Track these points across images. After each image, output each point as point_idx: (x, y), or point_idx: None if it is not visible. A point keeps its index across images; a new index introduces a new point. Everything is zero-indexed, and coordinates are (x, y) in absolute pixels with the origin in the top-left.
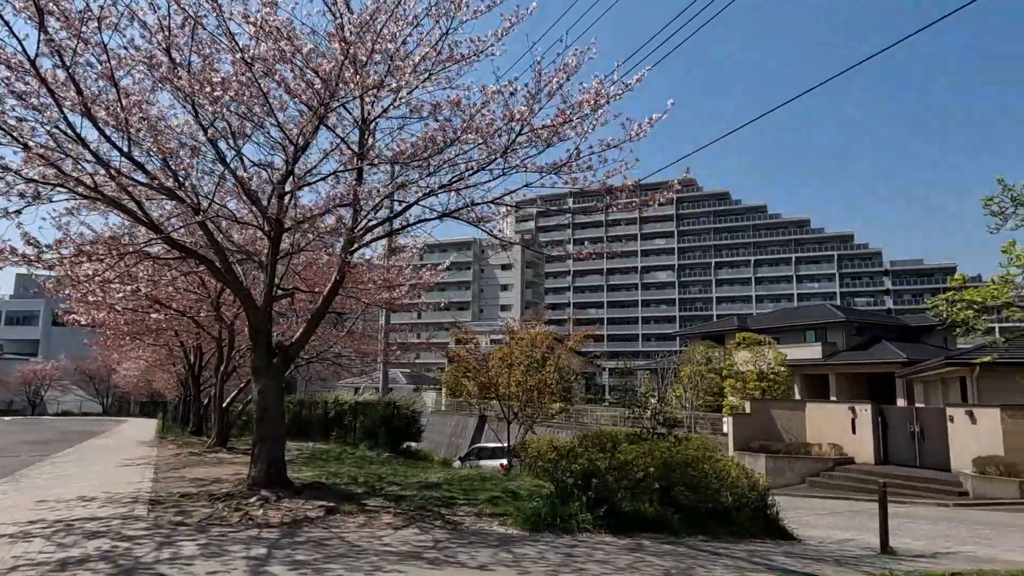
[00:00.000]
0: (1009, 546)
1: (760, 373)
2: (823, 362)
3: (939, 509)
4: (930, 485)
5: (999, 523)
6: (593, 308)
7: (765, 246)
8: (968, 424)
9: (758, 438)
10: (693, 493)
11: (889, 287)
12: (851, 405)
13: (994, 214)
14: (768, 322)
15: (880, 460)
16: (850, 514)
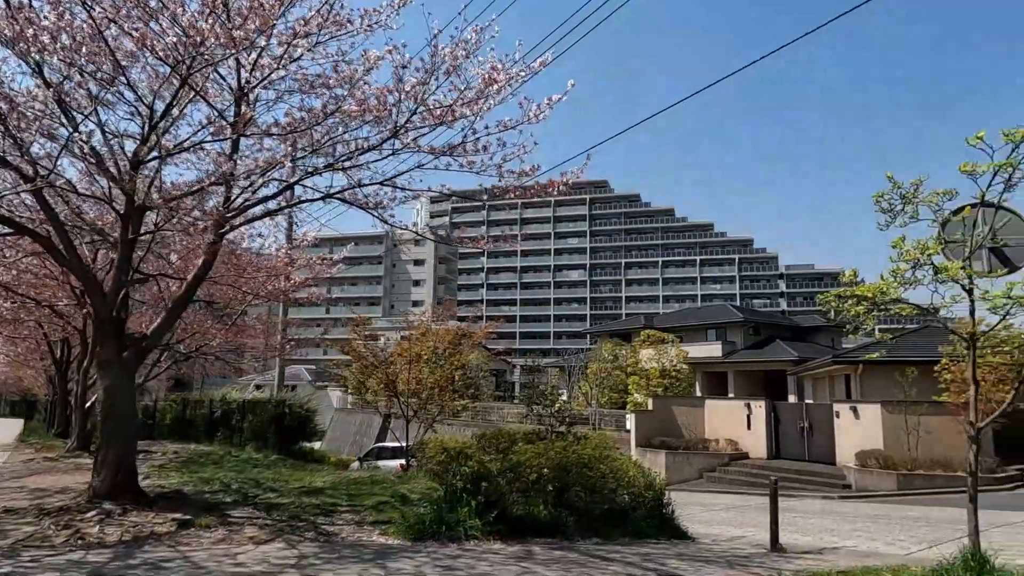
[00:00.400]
0: (888, 539)
1: (663, 370)
2: (723, 360)
3: (825, 502)
4: (817, 478)
5: (878, 515)
6: (506, 306)
7: (672, 248)
8: (852, 419)
9: (659, 434)
10: (590, 494)
11: (783, 290)
12: (747, 402)
13: (884, 211)
14: (673, 321)
15: (772, 454)
16: (743, 509)
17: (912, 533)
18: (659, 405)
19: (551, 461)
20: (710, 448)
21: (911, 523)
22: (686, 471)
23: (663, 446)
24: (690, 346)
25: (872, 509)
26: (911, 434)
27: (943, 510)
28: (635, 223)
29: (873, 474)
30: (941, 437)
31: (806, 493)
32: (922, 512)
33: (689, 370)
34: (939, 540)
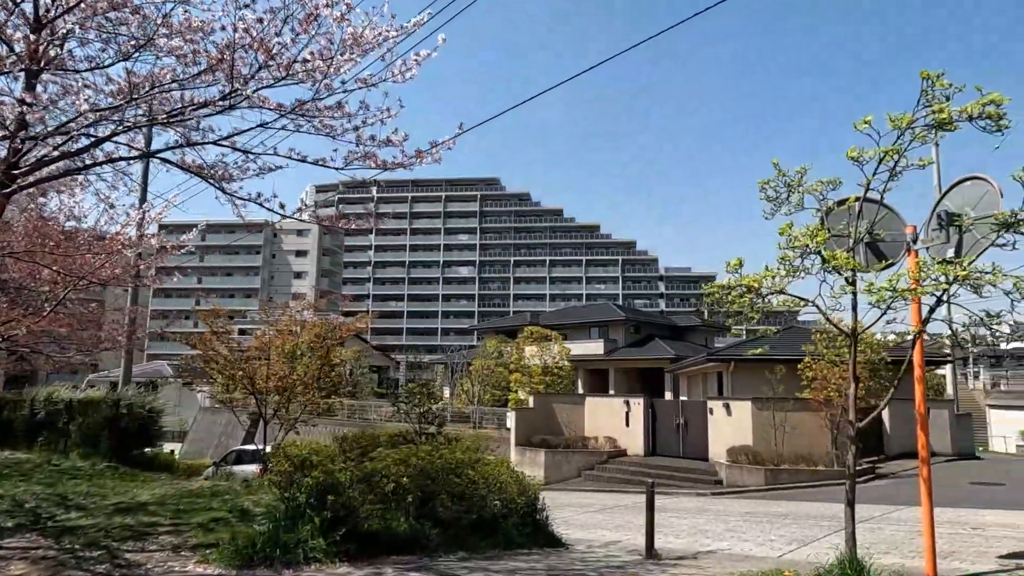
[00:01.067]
0: (760, 539)
1: (545, 368)
2: (605, 358)
3: (699, 499)
4: (691, 475)
5: (749, 513)
6: (394, 301)
7: (560, 248)
8: (725, 416)
9: (540, 433)
10: (458, 502)
11: (663, 291)
12: (626, 399)
13: (768, 199)
14: (558, 319)
15: (649, 451)
16: (619, 510)
17: (782, 532)
18: (540, 402)
19: (413, 468)
20: (590, 446)
21: (780, 520)
22: (565, 470)
23: (543, 444)
24: (574, 344)
25: (742, 506)
26: (778, 430)
27: (808, 505)
28: (525, 222)
29: (743, 470)
30: (805, 432)
31: (681, 490)
32: (788, 508)
33: (571, 367)
34: (808, 539)
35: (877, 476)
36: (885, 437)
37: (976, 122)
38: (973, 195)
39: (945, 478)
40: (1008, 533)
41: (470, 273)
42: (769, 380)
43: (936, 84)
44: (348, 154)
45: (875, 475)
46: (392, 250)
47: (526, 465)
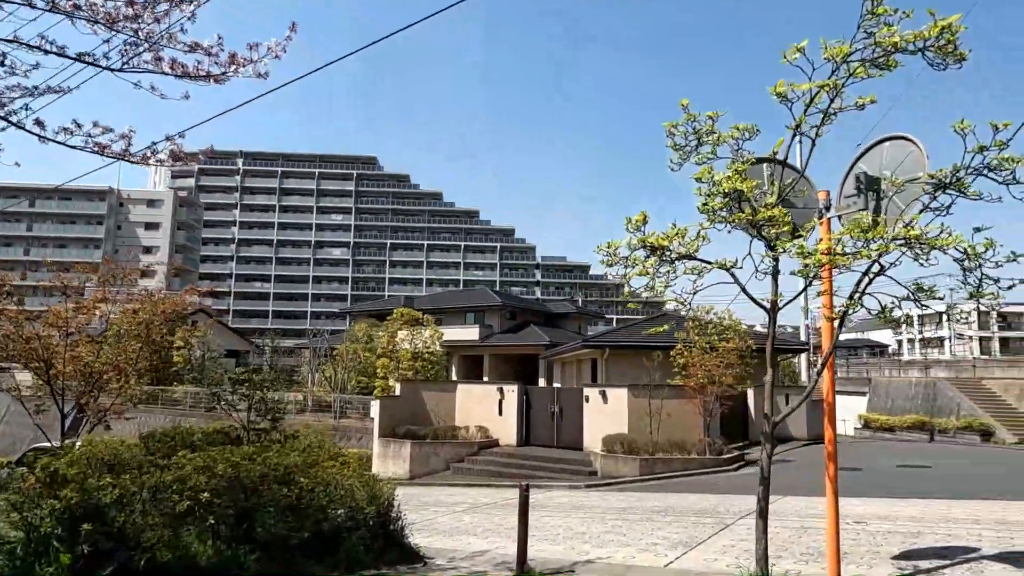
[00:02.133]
0: (642, 542)
1: (415, 352)
2: (480, 343)
3: (573, 493)
4: (566, 466)
5: (626, 508)
6: (260, 281)
7: (439, 232)
8: (601, 404)
9: (407, 422)
10: (287, 517)
11: (539, 279)
12: (500, 386)
13: (675, 148)
14: (433, 303)
15: (523, 441)
16: (489, 509)
17: (664, 532)
18: (408, 390)
19: (220, 478)
20: (460, 436)
21: (659, 517)
22: (433, 462)
23: (409, 436)
24: (449, 329)
25: (619, 500)
26: (654, 417)
27: (685, 498)
28: (403, 204)
29: (618, 460)
30: (679, 420)
31: (555, 483)
32: (667, 502)
33: (443, 352)
34: (693, 540)
35: (747, 463)
36: (749, 423)
37: (927, 54)
38: (894, 157)
39: (806, 464)
40: (890, 527)
41: (344, 255)
42: (643, 367)
43: (878, 11)
44: (126, 48)
45: (744, 462)
46: (259, 227)
47: (390, 458)
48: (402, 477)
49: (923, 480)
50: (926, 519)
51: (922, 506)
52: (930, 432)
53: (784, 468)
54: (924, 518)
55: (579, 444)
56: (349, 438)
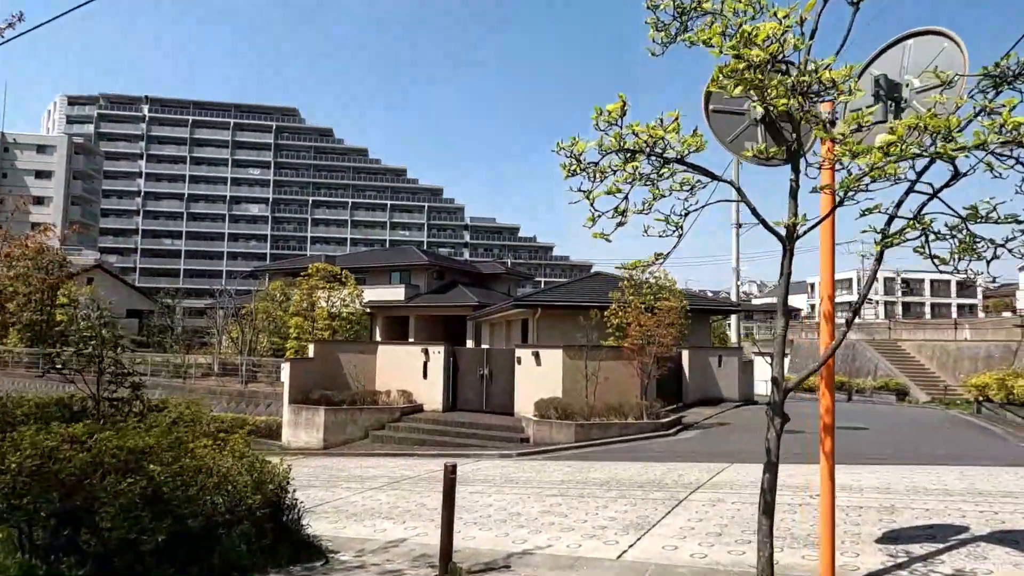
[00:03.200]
0: (589, 525)
1: (333, 312)
2: (405, 304)
3: (505, 463)
4: (496, 432)
5: (565, 482)
6: (170, 238)
7: (364, 190)
8: (534, 365)
9: (322, 387)
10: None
11: (468, 240)
12: (424, 347)
13: (657, 28)
14: (356, 262)
15: (449, 406)
16: (412, 485)
17: (611, 512)
18: (322, 351)
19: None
20: (380, 401)
21: (603, 493)
22: (350, 430)
23: (324, 401)
24: (373, 289)
25: (556, 471)
26: (590, 380)
27: (627, 467)
28: (326, 159)
29: (552, 425)
30: (616, 382)
31: (484, 451)
32: (608, 472)
33: (363, 311)
34: (645, 522)
35: (684, 427)
36: (684, 385)
37: None
38: (921, 57)
39: (744, 426)
40: (860, 501)
41: (262, 212)
42: (576, 328)
43: None
44: None
45: (682, 425)
46: (169, 180)
47: (302, 427)
48: (315, 447)
49: (866, 443)
50: (893, 489)
51: (882, 473)
52: (848, 392)
53: (723, 432)
54: (891, 488)
55: (510, 409)
56: (257, 404)
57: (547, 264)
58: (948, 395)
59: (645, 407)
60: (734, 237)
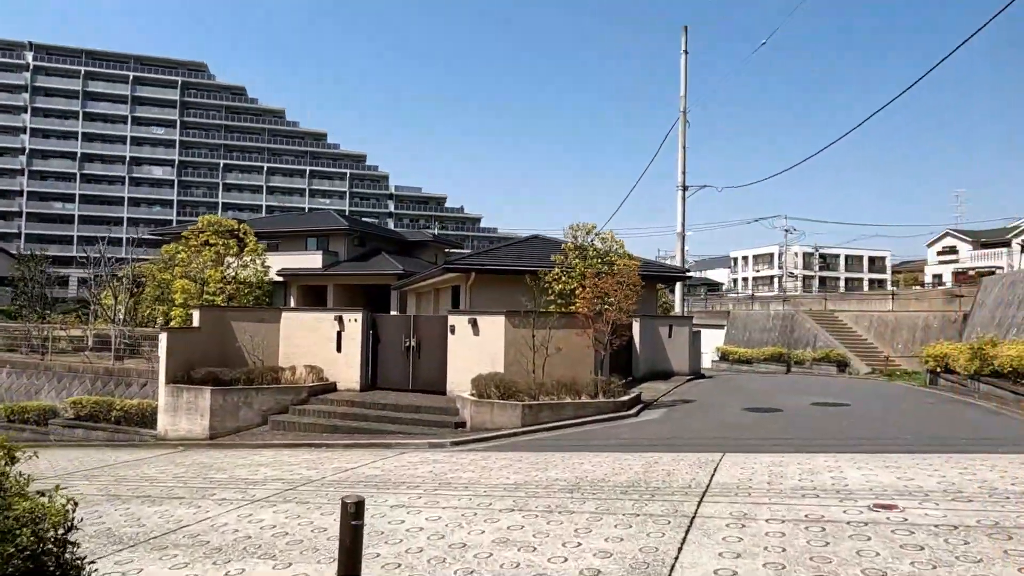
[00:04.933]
0: (572, 569)
1: (228, 275)
2: (323, 272)
3: (436, 455)
4: (425, 416)
5: (522, 485)
6: (60, 202)
7: (280, 154)
8: (471, 335)
9: (210, 363)
10: None
11: (392, 210)
12: (338, 314)
13: None
14: (269, 226)
15: (368, 384)
16: (309, 494)
17: (598, 538)
18: (211, 320)
19: None
20: (284, 379)
21: (576, 504)
22: (244, 415)
23: (211, 380)
24: (288, 256)
25: (504, 467)
26: (538, 352)
27: (593, 460)
28: (239, 120)
29: (493, 407)
30: (567, 355)
31: (410, 438)
32: (572, 470)
33: (263, 273)
34: (656, 559)
35: (645, 405)
36: (634, 357)
37: None
38: None
39: (711, 402)
40: (929, 517)
41: (167, 175)
42: (515, 296)
43: None
44: None
45: (643, 403)
46: (59, 138)
47: (183, 412)
48: (199, 437)
49: (860, 424)
50: (953, 494)
51: (910, 465)
52: (787, 364)
53: (691, 412)
54: (948, 491)
55: (442, 387)
56: (129, 384)
57: (475, 236)
58: (889, 366)
59: (601, 383)
60: (679, 200)
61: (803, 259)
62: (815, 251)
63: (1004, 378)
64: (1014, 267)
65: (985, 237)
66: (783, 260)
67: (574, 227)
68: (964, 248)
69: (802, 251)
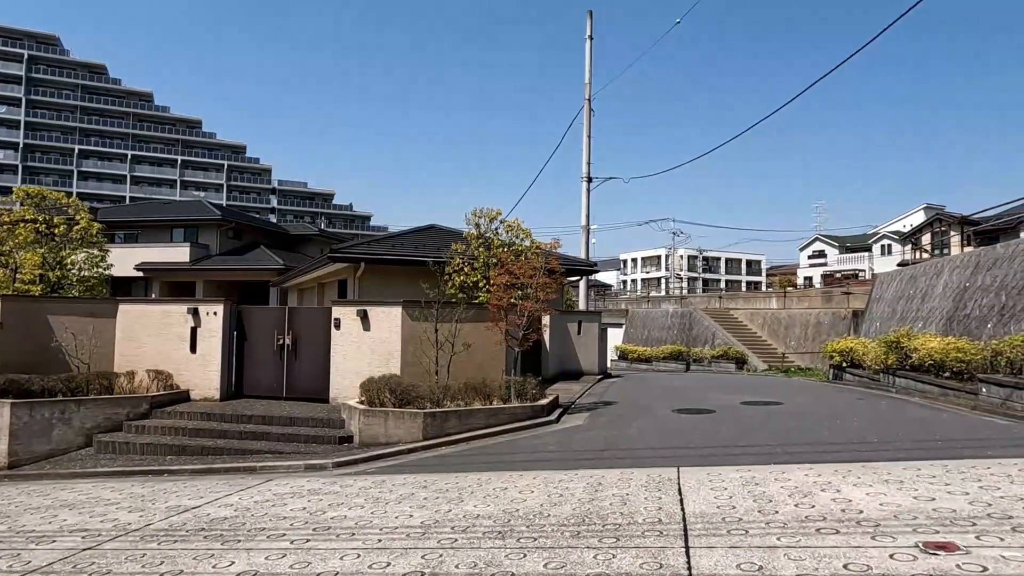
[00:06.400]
0: None
1: (48, 260)
2: (191, 267)
3: (315, 482)
4: (302, 429)
5: (432, 527)
6: None
7: (148, 142)
8: (360, 330)
9: (15, 368)
10: None
11: (275, 205)
12: (193, 306)
13: None
14: (127, 214)
15: (231, 391)
16: (121, 560)
17: None
18: (18, 313)
19: None
20: (117, 388)
21: (514, 558)
22: (61, 435)
23: (14, 390)
24: (150, 248)
25: (408, 501)
26: (443, 349)
27: (520, 484)
28: (98, 102)
29: (388, 416)
30: (475, 354)
31: (281, 460)
32: (496, 500)
33: (99, 257)
34: None
35: (565, 409)
36: (544, 356)
37: None
38: None
39: (634, 403)
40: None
41: (8, 159)
42: (411, 290)
43: None
44: None
45: (562, 407)
46: None
47: None
48: None
49: (808, 424)
50: (1002, 519)
51: (911, 478)
52: (686, 361)
53: (616, 416)
54: (993, 515)
55: (324, 394)
56: None
57: (366, 235)
58: (784, 363)
59: (516, 385)
60: (583, 192)
61: (688, 262)
62: (699, 254)
63: (925, 372)
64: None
65: (850, 242)
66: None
67: (477, 213)
68: (832, 252)
69: (687, 254)
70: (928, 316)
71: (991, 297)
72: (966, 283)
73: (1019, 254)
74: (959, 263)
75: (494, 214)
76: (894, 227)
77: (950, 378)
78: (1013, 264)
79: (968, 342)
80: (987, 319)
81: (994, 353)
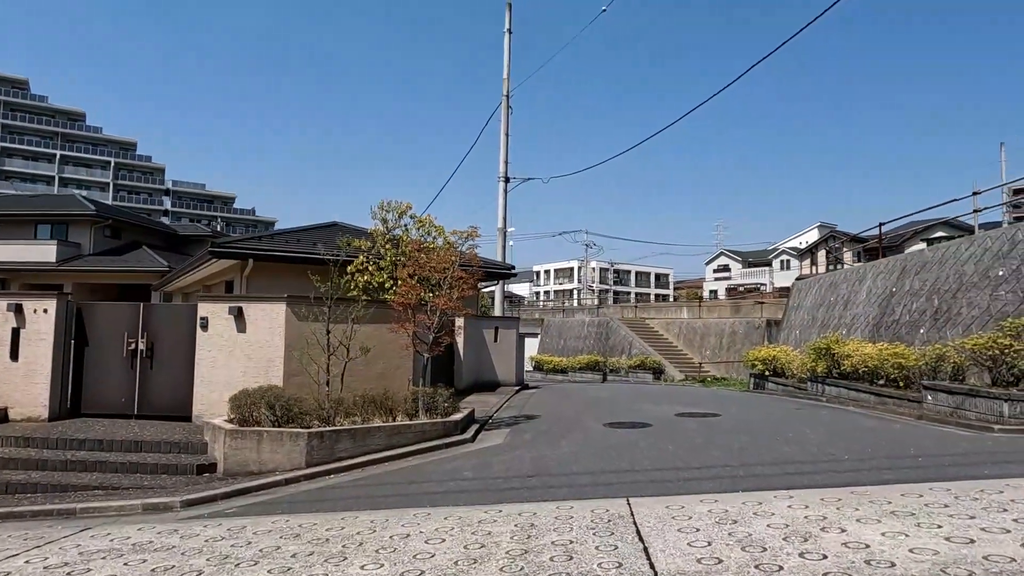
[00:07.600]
0: None
1: None
2: (59, 268)
3: (147, 532)
4: (148, 457)
5: None
6: None
7: (21, 134)
8: (233, 332)
9: None
10: None
11: (169, 208)
12: (15, 301)
13: None
14: None
15: (65, 409)
16: None
17: None
18: None
19: None
20: None
21: None
22: None
23: None
24: (8, 246)
25: (261, 566)
26: (336, 354)
27: (426, 532)
28: None
29: (263, 438)
30: (379, 358)
31: (114, 499)
32: (394, 559)
33: None
34: None
35: (481, 425)
36: (457, 364)
37: None
38: None
39: (559, 418)
40: None
41: None
42: (305, 292)
43: None
44: None
45: (477, 423)
46: None
47: None
48: None
49: (761, 440)
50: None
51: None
52: (603, 372)
53: (541, 432)
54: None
55: (186, 410)
56: None
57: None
58: (701, 372)
59: (425, 398)
60: (500, 193)
61: (600, 274)
62: (611, 266)
63: (858, 379)
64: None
65: (752, 258)
66: (583, 274)
67: (384, 206)
68: (736, 267)
69: (599, 266)
70: (852, 323)
71: (922, 301)
72: (892, 288)
73: (949, 257)
74: (883, 268)
75: (403, 208)
76: (792, 243)
77: (886, 385)
78: (944, 267)
79: (907, 348)
80: (919, 324)
81: (938, 358)
